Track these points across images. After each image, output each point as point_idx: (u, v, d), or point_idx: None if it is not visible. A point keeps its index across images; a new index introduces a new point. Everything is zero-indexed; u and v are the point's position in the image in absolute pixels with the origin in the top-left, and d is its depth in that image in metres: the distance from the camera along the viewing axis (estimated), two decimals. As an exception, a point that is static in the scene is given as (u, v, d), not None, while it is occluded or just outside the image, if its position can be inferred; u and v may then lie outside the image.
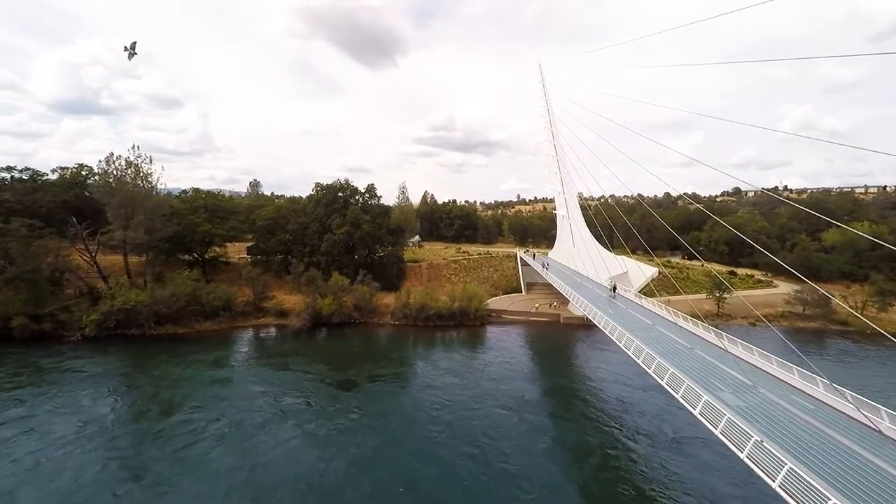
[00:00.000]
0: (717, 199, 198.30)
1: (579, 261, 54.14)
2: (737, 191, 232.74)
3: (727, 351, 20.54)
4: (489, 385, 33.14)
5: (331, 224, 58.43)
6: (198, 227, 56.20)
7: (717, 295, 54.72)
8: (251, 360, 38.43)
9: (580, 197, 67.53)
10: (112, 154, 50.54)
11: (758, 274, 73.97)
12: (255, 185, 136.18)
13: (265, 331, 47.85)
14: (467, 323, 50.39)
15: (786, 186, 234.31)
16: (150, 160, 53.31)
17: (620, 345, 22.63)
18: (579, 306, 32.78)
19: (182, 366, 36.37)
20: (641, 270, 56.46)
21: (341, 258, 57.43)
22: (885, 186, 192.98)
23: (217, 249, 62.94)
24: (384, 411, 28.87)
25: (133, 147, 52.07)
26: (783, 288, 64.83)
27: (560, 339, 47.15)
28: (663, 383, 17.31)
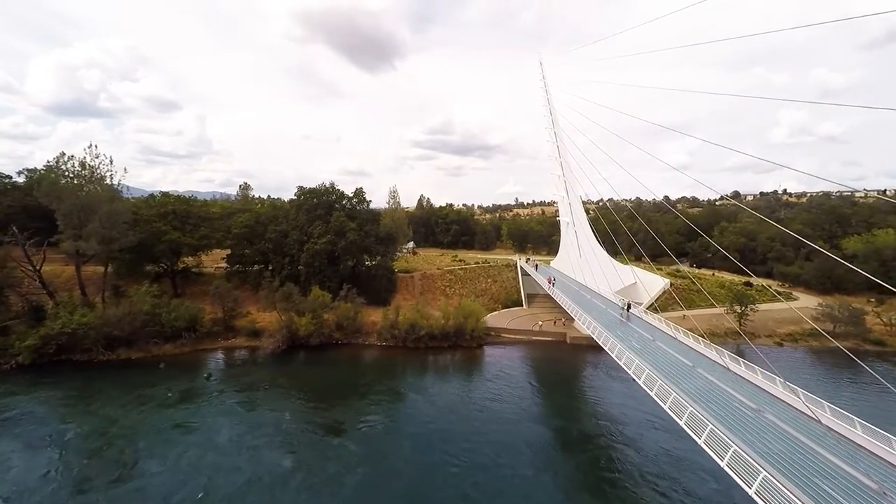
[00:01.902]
0: (717, 203, 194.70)
1: (587, 272, 49.00)
2: (735, 194, 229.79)
3: (817, 420, 15.27)
4: (503, 430, 27.67)
5: (312, 232, 52.81)
6: (164, 235, 50.48)
7: (739, 310, 49.62)
8: (218, 395, 32.69)
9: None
10: (63, 154, 44.91)
11: (774, 284, 69.19)
12: (244, 187, 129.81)
13: (235, 354, 42.19)
14: (463, 344, 44.94)
15: (785, 190, 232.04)
16: (111, 161, 47.91)
17: (665, 407, 17.15)
18: (603, 342, 27.38)
19: (135, 403, 30.79)
20: (654, 282, 51.58)
21: (324, 270, 51.73)
22: (885, 190, 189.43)
23: (188, 259, 57.13)
24: (387, 471, 23.36)
25: (90, 146, 46.56)
26: (804, 301, 60.16)
27: (570, 365, 41.78)
28: (752, 494, 11.79)
